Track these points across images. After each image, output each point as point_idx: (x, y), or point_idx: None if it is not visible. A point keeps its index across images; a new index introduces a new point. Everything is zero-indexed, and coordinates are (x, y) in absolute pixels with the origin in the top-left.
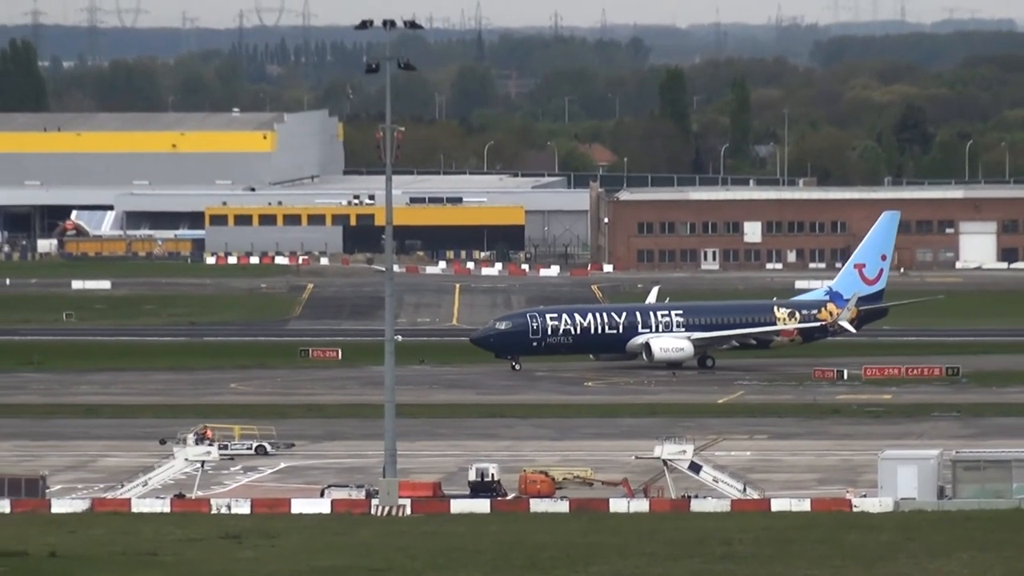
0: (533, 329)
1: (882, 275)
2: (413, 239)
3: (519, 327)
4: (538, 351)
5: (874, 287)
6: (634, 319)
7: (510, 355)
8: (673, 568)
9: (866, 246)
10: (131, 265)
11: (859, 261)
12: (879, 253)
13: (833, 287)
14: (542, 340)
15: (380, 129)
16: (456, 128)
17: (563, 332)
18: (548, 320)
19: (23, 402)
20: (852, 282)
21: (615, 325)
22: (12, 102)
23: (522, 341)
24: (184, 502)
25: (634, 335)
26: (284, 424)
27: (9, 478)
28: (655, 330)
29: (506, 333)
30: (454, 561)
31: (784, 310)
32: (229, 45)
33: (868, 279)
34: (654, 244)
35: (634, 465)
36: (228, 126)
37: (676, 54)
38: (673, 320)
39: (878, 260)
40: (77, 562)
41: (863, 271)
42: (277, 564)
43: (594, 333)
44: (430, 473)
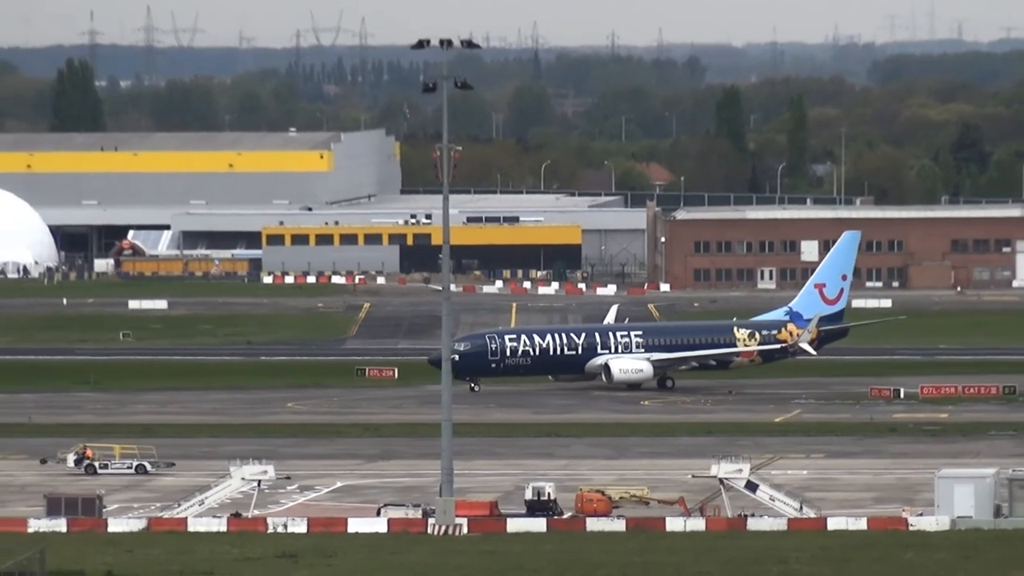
0: (492, 351)
1: (842, 295)
2: (470, 258)
3: (478, 348)
4: (497, 372)
5: (835, 307)
6: (593, 340)
7: (469, 376)
8: None
9: (827, 266)
10: (188, 285)
11: (819, 281)
12: (840, 273)
13: (793, 307)
14: (501, 361)
15: (437, 148)
16: (513, 147)
17: (522, 353)
18: (507, 341)
19: (79, 421)
20: (813, 302)
21: (574, 346)
22: (69, 122)
23: (481, 362)
24: (241, 521)
25: (593, 356)
26: (341, 443)
27: (66, 497)
28: (614, 351)
29: (465, 355)
30: None
31: (744, 331)
32: (286, 64)
33: (829, 299)
34: (711, 263)
35: (690, 484)
36: (285, 146)
37: (733, 73)
38: (632, 341)
39: (839, 280)
40: None
41: (823, 291)
42: None
43: (553, 354)
44: (487, 492)
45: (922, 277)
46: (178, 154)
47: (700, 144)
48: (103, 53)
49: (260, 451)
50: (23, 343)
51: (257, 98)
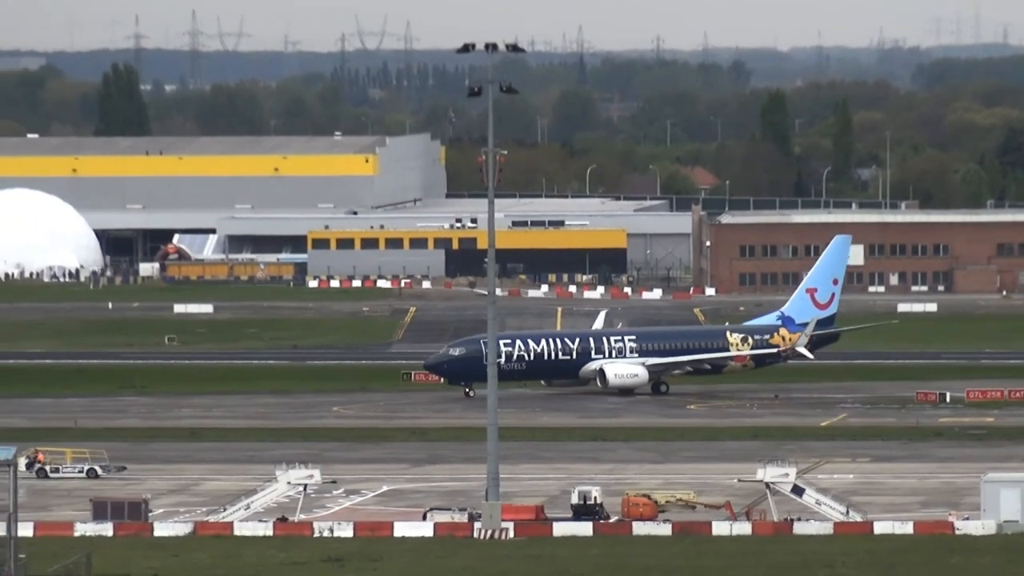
0: (486, 355)
1: (834, 299)
2: (515, 262)
3: (472, 353)
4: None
5: (826, 312)
6: (587, 345)
7: (463, 381)
8: None
9: (818, 270)
10: (233, 289)
11: (811, 286)
12: (831, 277)
13: (785, 312)
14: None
15: (482, 152)
16: (558, 151)
17: (516, 358)
18: (501, 346)
19: (125, 426)
20: (804, 307)
21: (568, 351)
22: (114, 126)
23: (475, 367)
24: (287, 525)
25: (587, 361)
26: (387, 447)
27: (112, 501)
28: (608, 356)
29: (459, 359)
30: None
31: (737, 335)
32: (331, 68)
33: (820, 303)
34: (756, 267)
35: (737, 488)
36: (330, 150)
37: (778, 77)
38: (626, 346)
39: (830, 284)
40: None
41: (815, 295)
42: None
43: (547, 359)
44: (533, 496)
45: (967, 281)
46: (223, 158)
47: (745, 148)
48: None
49: (306, 455)
50: (69, 347)
51: (302, 102)
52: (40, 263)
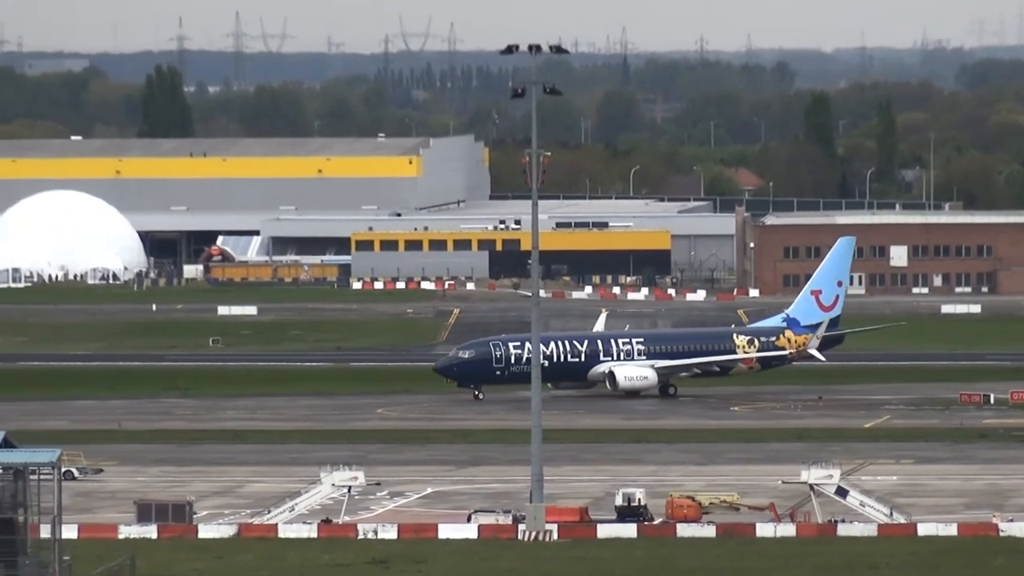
0: (496, 358)
1: (838, 301)
2: (559, 264)
3: (482, 356)
4: (501, 380)
5: (830, 313)
6: (596, 347)
7: (473, 384)
8: None
9: (822, 272)
10: (277, 291)
11: (816, 287)
12: (835, 279)
13: (790, 313)
14: (505, 369)
15: (526, 154)
16: (602, 153)
17: (526, 361)
18: (511, 348)
19: (170, 428)
20: (809, 308)
21: (577, 353)
22: (158, 128)
23: (485, 370)
24: (331, 527)
25: (595, 363)
26: (431, 448)
27: (156, 503)
28: (616, 358)
29: (469, 362)
30: None
31: (743, 337)
32: (375, 70)
33: (824, 305)
34: (800, 268)
35: (781, 490)
36: (374, 151)
37: (821, 78)
38: (634, 348)
39: (834, 286)
40: None
41: (819, 297)
42: None
43: (557, 361)
44: (577, 498)
45: (1011, 282)
46: (267, 160)
47: (789, 149)
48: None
49: (350, 457)
50: (113, 349)
51: (346, 103)
52: (84, 265)
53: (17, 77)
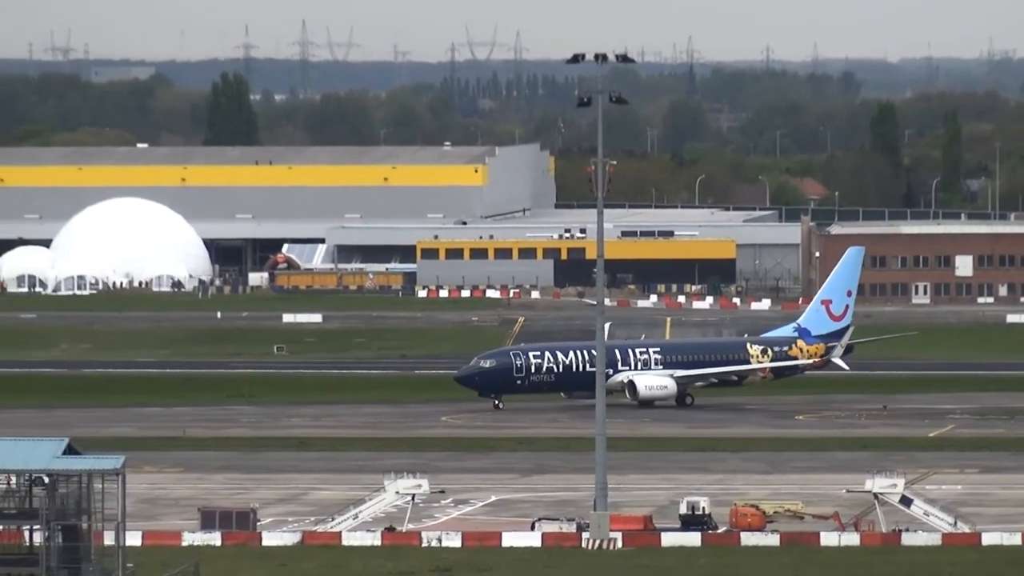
0: (517, 367)
1: (848, 311)
2: (624, 273)
3: (503, 365)
4: (521, 389)
5: (840, 323)
6: (614, 356)
7: (494, 393)
8: None
9: (832, 282)
10: (342, 298)
11: (826, 297)
12: (845, 289)
13: (801, 323)
14: (526, 378)
15: (592, 163)
16: (668, 162)
17: (546, 370)
18: (531, 358)
19: (234, 435)
20: (819, 319)
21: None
22: (224, 136)
23: (506, 379)
24: (395, 535)
25: (613, 373)
26: (495, 457)
27: (221, 511)
28: (634, 368)
29: (490, 371)
30: None
31: (757, 347)
32: (441, 78)
33: (835, 315)
34: (865, 278)
35: (845, 499)
36: (440, 160)
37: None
38: (651, 357)
39: (844, 296)
40: None
41: (830, 307)
42: None
43: (576, 371)
44: (641, 506)
45: None
46: (333, 168)
47: (855, 159)
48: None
49: (414, 465)
50: (178, 356)
51: (412, 112)
52: (149, 273)
53: (84, 85)
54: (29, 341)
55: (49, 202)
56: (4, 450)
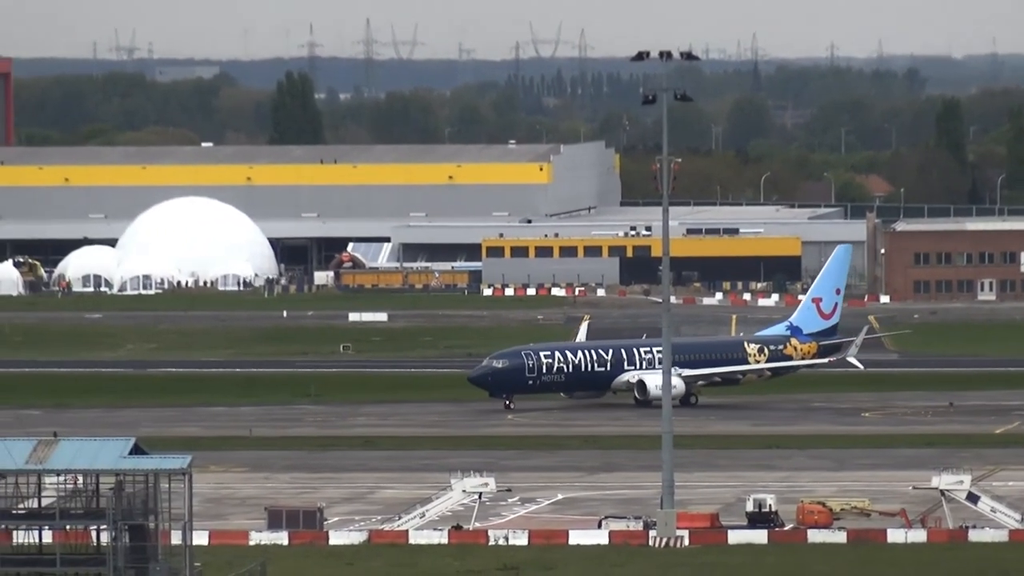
0: (529, 367)
1: (836, 309)
2: (690, 270)
3: (515, 365)
4: (533, 389)
5: (829, 321)
6: (620, 356)
7: (505, 393)
8: None
9: (822, 280)
10: (407, 297)
11: (816, 295)
12: (834, 287)
13: (793, 322)
14: (537, 378)
15: (657, 160)
16: (732, 159)
17: (556, 370)
18: (542, 358)
19: (301, 434)
20: (810, 317)
21: (603, 362)
22: (289, 135)
23: (518, 379)
24: (462, 533)
25: (620, 372)
26: (562, 455)
27: (287, 510)
28: (640, 367)
29: (502, 371)
30: None
31: (754, 346)
32: (505, 76)
33: (824, 313)
34: (931, 275)
35: (912, 495)
36: (504, 158)
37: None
38: (655, 357)
39: (833, 294)
40: None
41: (820, 305)
42: None
43: (584, 370)
44: (708, 504)
45: None
46: (397, 166)
47: (920, 156)
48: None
49: (481, 463)
50: (244, 355)
51: (476, 110)
52: (215, 272)
53: (148, 84)
54: (95, 341)
55: (114, 201)
56: (71, 450)
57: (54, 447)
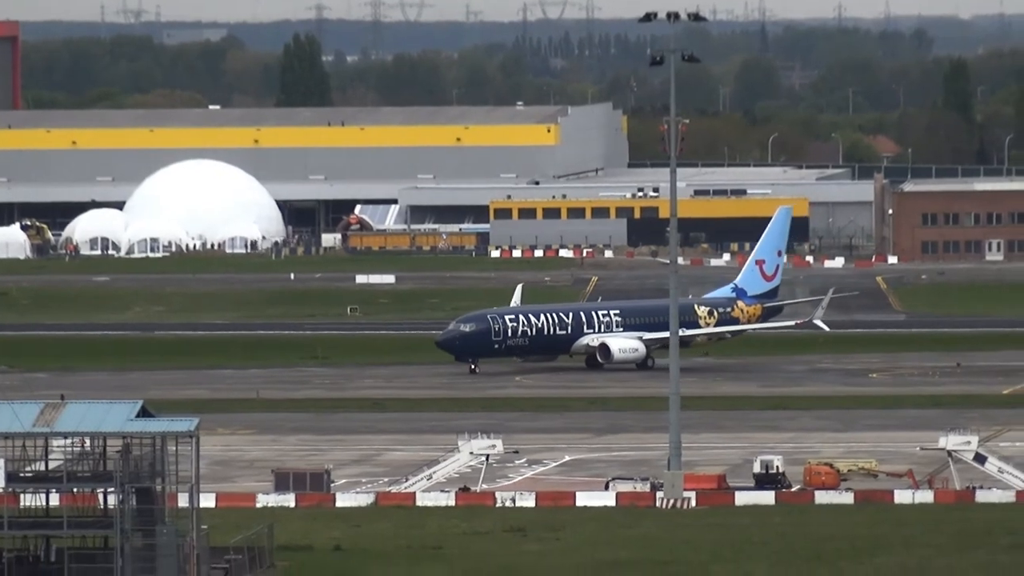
0: (495, 331)
1: (778, 271)
2: (697, 231)
3: (482, 329)
4: (499, 353)
5: (771, 283)
6: (580, 319)
7: (471, 358)
8: (959, 559)
9: (764, 242)
10: (415, 259)
11: (759, 257)
12: (775, 249)
13: (738, 284)
14: (503, 342)
15: (664, 122)
16: (740, 120)
17: (521, 333)
18: (507, 321)
19: (308, 396)
20: (754, 279)
21: (565, 325)
22: (296, 97)
23: (485, 343)
24: (469, 495)
25: (579, 336)
26: (568, 416)
27: (295, 472)
28: (598, 331)
29: (470, 335)
30: (739, 553)
31: (703, 308)
32: (513, 38)
33: (767, 275)
34: (938, 235)
35: (919, 456)
36: (512, 119)
37: (960, 45)
38: (612, 320)
39: (775, 256)
40: (362, 556)
41: (763, 267)
42: (562, 557)
43: (547, 334)
44: (714, 465)
45: None
46: (405, 128)
47: (927, 116)
48: (330, 28)
49: (488, 425)
50: (251, 318)
51: (484, 72)
52: (222, 235)
53: (155, 47)
54: (102, 304)
55: (121, 164)
56: (78, 413)
57: (61, 410)
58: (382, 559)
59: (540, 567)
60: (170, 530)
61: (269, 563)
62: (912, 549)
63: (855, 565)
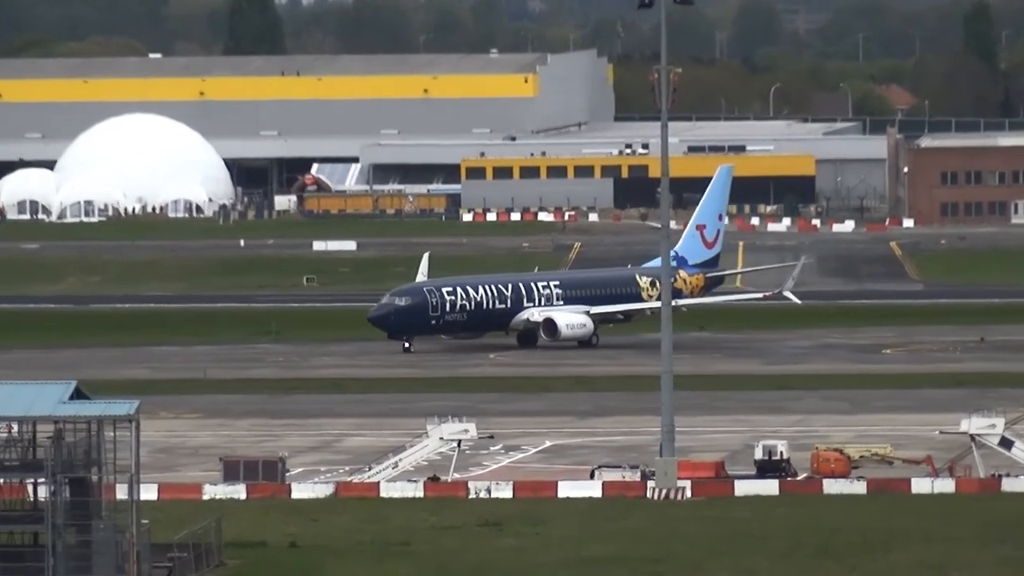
0: (432, 305)
1: (719, 237)
2: (692, 192)
3: (419, 303)
4: (436, 329)
5: (713, 251)
6: (520, 292)
7: (406, 335)
8: (982, 554)
9: (704, 205)
10: (378, 224)
11: (700, 222)
12: (716, 213)
13: (679, 251)
14: (441, 317)
15: (655, 71)
16: (738, 69)
17: (459, 308)
18: (445, 295)
19: (260, 376)
20: (695, 246)
21: (504, 299)
22: (246, 44)
23: (421, 318)
24: (439, 486)
25: (519, 310)
26: (550, 398)
27: (246, 460)
28: (537, 304)
29: (405, 310)
30: (739, 548)
31: (645, 279)
32: None
33: (708, 242)
34: (959, 196)
35: (938, 441)
36: (485, 68)
37: None
38: (552, 292)
39: (716, 221)
40: (320, 553)
41: (703, 233)
42: (542, 554)
43: (486, 308)
44: (712, 452)
45: None
46: (367, 79)
47: (946, 63)
48: None
49: (460, 407)
50: (197, 290)
51: (454, 16)
52: (164, 197)
53: None
54: (32, 274)
55: (53, 119)
56: (5, 395)
57: None
58: (342, 556)
59: (518, 564)
60: (107, 525)
61: (217, 561)
62: (931, 543)
63: (868, 561)
